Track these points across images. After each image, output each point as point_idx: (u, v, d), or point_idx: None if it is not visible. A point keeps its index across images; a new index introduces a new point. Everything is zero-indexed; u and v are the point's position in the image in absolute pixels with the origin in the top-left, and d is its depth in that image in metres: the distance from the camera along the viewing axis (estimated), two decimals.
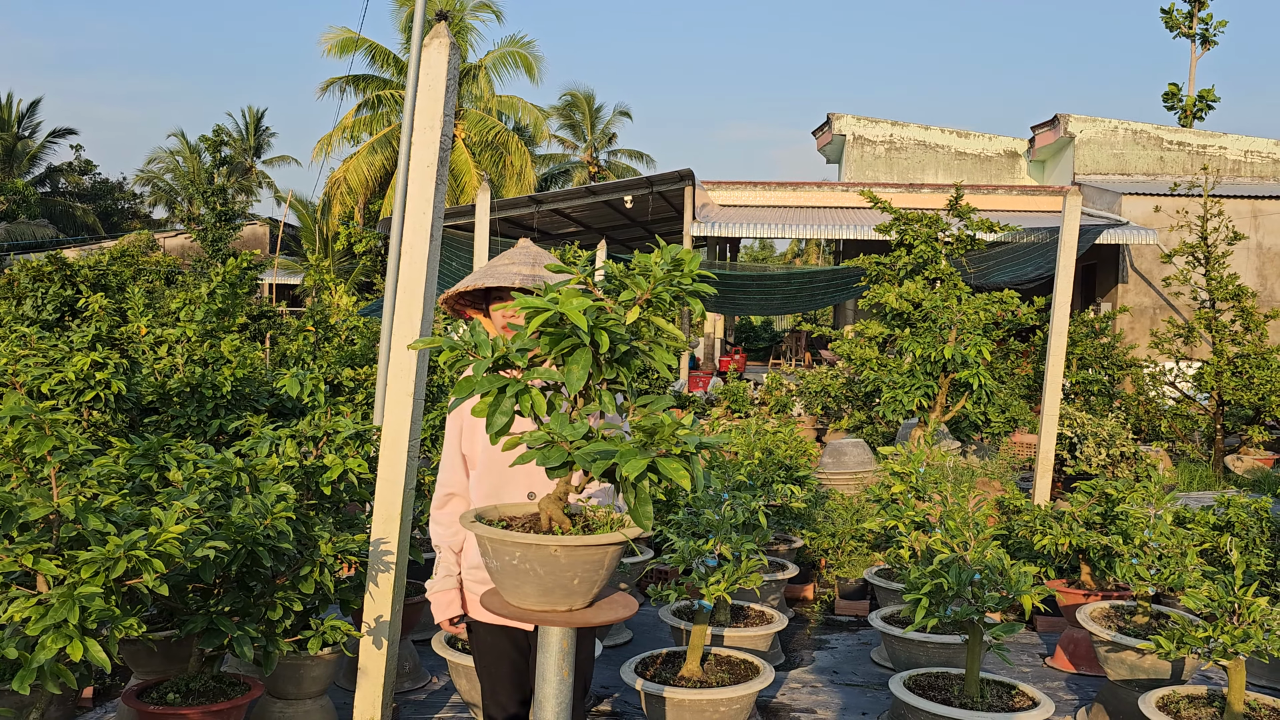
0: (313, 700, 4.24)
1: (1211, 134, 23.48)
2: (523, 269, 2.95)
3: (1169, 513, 5.05)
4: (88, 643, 2.84)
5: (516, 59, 30.38)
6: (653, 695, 4.17)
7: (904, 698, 4.10)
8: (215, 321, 6.80)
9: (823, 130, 26.99)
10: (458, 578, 3.08)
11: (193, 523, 3.29)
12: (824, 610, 6.77)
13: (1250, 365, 11.74)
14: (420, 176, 4.08)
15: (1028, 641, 6.12)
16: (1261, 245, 19.98)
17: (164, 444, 4.06)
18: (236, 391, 6.04)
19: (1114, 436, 8.93)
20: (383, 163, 28.00)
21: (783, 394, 14.36)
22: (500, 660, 3.04)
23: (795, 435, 7.44)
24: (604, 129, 42.16)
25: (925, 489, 5.41)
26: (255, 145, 46.00)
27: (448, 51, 4.08)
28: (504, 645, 3.04)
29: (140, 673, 4.07)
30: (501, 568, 2.24)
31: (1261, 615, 3.85)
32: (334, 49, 28.92)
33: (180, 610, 3.66)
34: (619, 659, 5.29)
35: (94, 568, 2.91)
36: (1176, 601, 6.18)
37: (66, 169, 44.18)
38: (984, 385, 8.04)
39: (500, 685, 3.06)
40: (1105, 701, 4.73)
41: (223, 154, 39.00)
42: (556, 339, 2.01)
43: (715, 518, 4.59)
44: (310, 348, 7.81)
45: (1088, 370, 12.70)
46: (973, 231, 11.04)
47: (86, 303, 6.73)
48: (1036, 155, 25.27)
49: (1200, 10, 29.19)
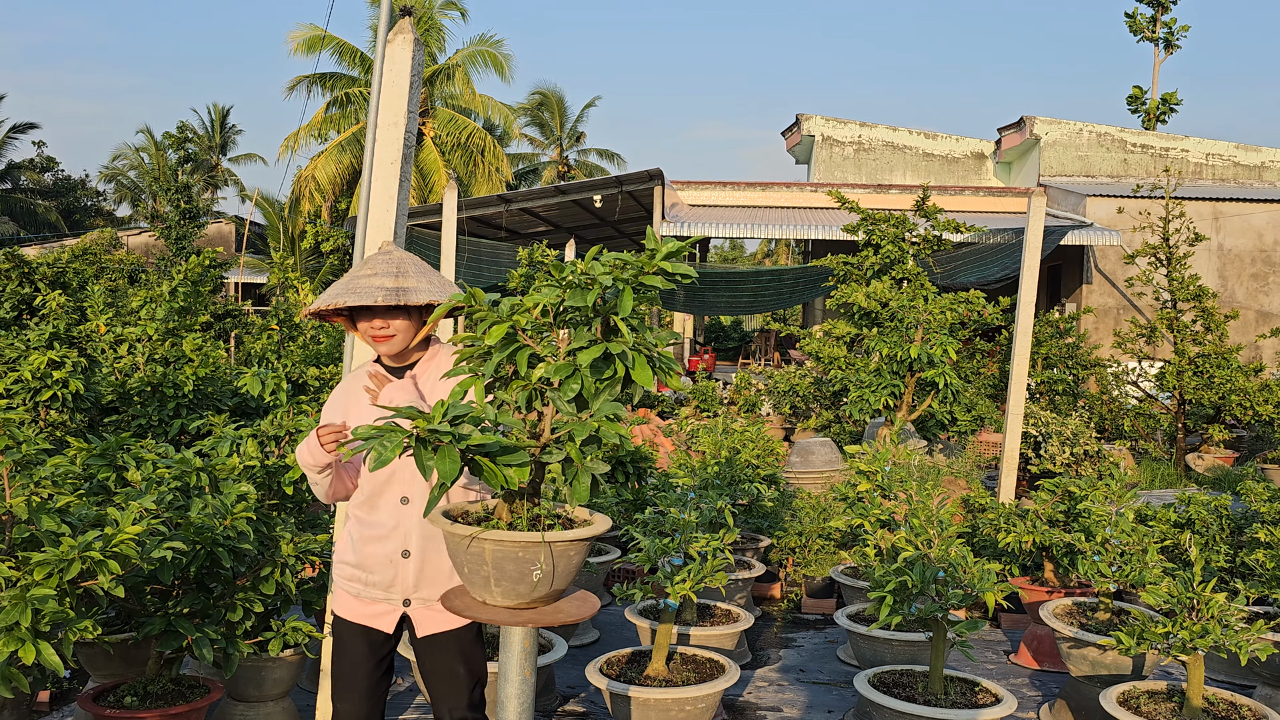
0: (275, 702, 4.19)
1: (1174, 137, 23.79)
2: (385, 281, 2.83)
3: (1131, 510, 5.10)
4: (40, 645, 2.79)
5: (486, 58, 30.27)
6: (618, 695, 4.16)
7: (869, 695, 4.12)
8: (177, 320, 6.72)
9: (792, 131, 27.09)
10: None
11: (150, 523, 3.25)
12: (791, 609, 6.78)
13: (1211, 365, 11.90)
14: (384, 174, 4.05)
15: (992, 639, 6.16)
16: (1223, 247, 20.26)
17: (123, 444, 4.00)
18: (199, 391, 5.97)
19: (1078, 435, 9.02)
20: (351, 161, 27.81)
21: (751, 393, 14.40)
22: (356, 666, 2.98)
23: (763, 435, 7.46)
24: (573, 128, 42.10)
25: (891, 487, 5.44)
26: (221, 142, 45.53)
27: (411, 47, 4.05)
28: (362, 649, 2.98)
29: (98, 676, 4.01)
30: (461, 562, 2.23)
31: (1220, 611, 3.89)
32: (301, 47, 28.68)
33: (138, 612, 3.61)
34: (585, 658, 5.27)
35: (47, 569, 2.87)
36: (1138, 598, 6.24)
37: (28, 165, 43.51)
38: (950, 384, 8.10)
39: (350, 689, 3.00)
40: (1068, 697, 4.77)
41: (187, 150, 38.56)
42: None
43: (681, 517, 4.58)
44: (275, 346, 7.73)
45: (1053, 370, 12.83)
46: (939, 232, 11.12)
47: (44, 300, 6.63)
48: (1003, 157, 25.49)
49: (1163, 15, 29.57)
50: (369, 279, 2.85)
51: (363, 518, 2.96)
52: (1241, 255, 20.35)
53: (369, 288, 2.81)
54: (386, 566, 2.92)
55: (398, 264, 2.91)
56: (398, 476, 2.90)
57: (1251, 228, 20.36)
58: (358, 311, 2.91)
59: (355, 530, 2.98)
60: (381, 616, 2.96)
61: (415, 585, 2.92)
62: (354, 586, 2.98)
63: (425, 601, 2.94)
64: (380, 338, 2.90)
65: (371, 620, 2.97)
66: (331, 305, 2.82)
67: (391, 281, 2.84)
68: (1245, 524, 6.07)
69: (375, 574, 2.93)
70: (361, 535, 2.95)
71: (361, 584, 2.96)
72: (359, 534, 2.96)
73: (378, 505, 2.93)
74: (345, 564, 3.00)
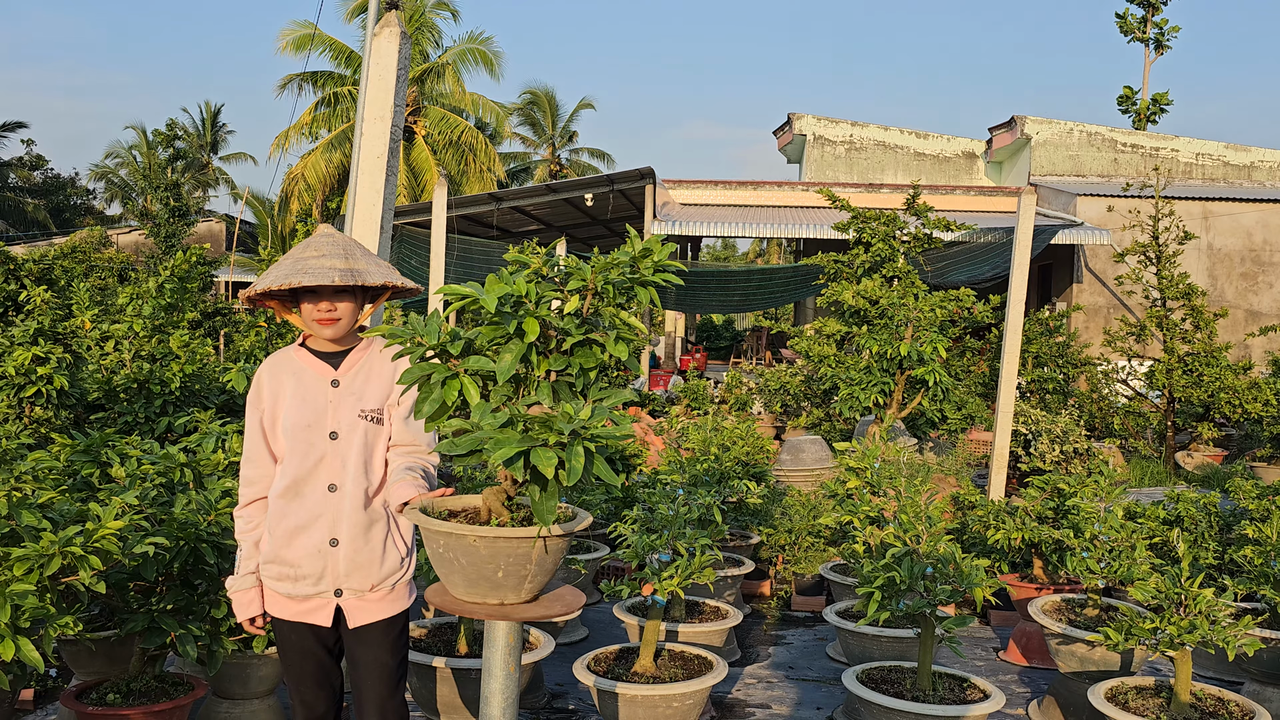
0: (260, 700, 4.17)
1: (1164, 136, 23.86)
2: (336, 263, 2.78)
3: (1120, 507, 5.10)
4: (20, 642, 2.77)
5: (476, 55, 30.24)
6: (605, 692, 4.14)
7: (857, 691, 4.11)
8: (164, 317, 6.68)
9: (784, 130, 27.10)
10: (256, 575, 2.93)
11: (133, 519, 3.23)
12: (780, 606, 6.77)
13: (1200, 363, 11.93)
14: (370, 168, 4.03)
15: (981, 635, 6.16)
16: (1212, 246, 20.32)
17: (107, 440, 3.98)
18: (186, 388, 5.94)
19: (1068, 433, 9.03)
20: (341, 160, 27.74)
21: (742, 392, 14.39)
22: (305, 658, 2.94)
23: (753, 432, 7.45)
24: (564, 127, 42.07)
25: (880, 484, 5.43)
26: (212, 141, 45.39)
27: (398, 41, 4.03)
28: (308, 643, 2.93)
29: (81, 673, 3.98)
30: (432, 556, 2.21)
31: (1207, 607, 3.89)
32: (291, 46, 28.63)
33: (121, 609, 3.58)
34: (573, 656, 5.25)
35: (27, 564, 2.84)
36: (1126, 595, 6.25)
37: (17, 163, 43.31)
38: (940, 382, 8.10)
39: (305, 683, 2.97)
40: (1057, 694, 4.77)
41: (177, 148, 38.47)
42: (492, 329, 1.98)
43: (669, 513, 4.57)
44: (263, 344, 7.70)
45: (1043, 368, 12.85)
46: (930, 230, 11.13)
47: (29, 296, 6.59)
48: (994, 156, 25.54)
49: (1154, 16, 29.66)
50: (318, 260, 2.78)
51: (284, 507, 2.85)
52: (1231, 255, 20.41)
53: (322, 268, 2.76)
54: (315, 558, 2.84)
55: (344, 246, 2.86)
56: (326, 463, 2.84)
57: (1241, 227, 20.42)
58: (301, 294, 2.83)
59: (276, 523, 2.86)
60: (316, 611, 2.89)
61: (346, 574, 2.85)
62: (284, 585, 2.88)
63: (357, 592, 2.87)
64: (326, 320, 2.85)
65: (307, 616, 2.90)
66: (285, 285, 2.72)
67: (342, 263, 2.79)
68: (1234, 521, 6.08)
69: (303, 566, 2.84)
70: (284, 527, 2.85)
71: (291, 580, 2.86)
72: (280, 526, 2.85)
73: (303, 493, 2.84)
74: (270, 563, 2.89)
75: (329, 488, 2.85)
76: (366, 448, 2.86)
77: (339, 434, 2.86)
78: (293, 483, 2.85)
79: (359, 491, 2.85)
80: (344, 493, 2.84)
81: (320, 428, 2.86)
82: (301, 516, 2.85)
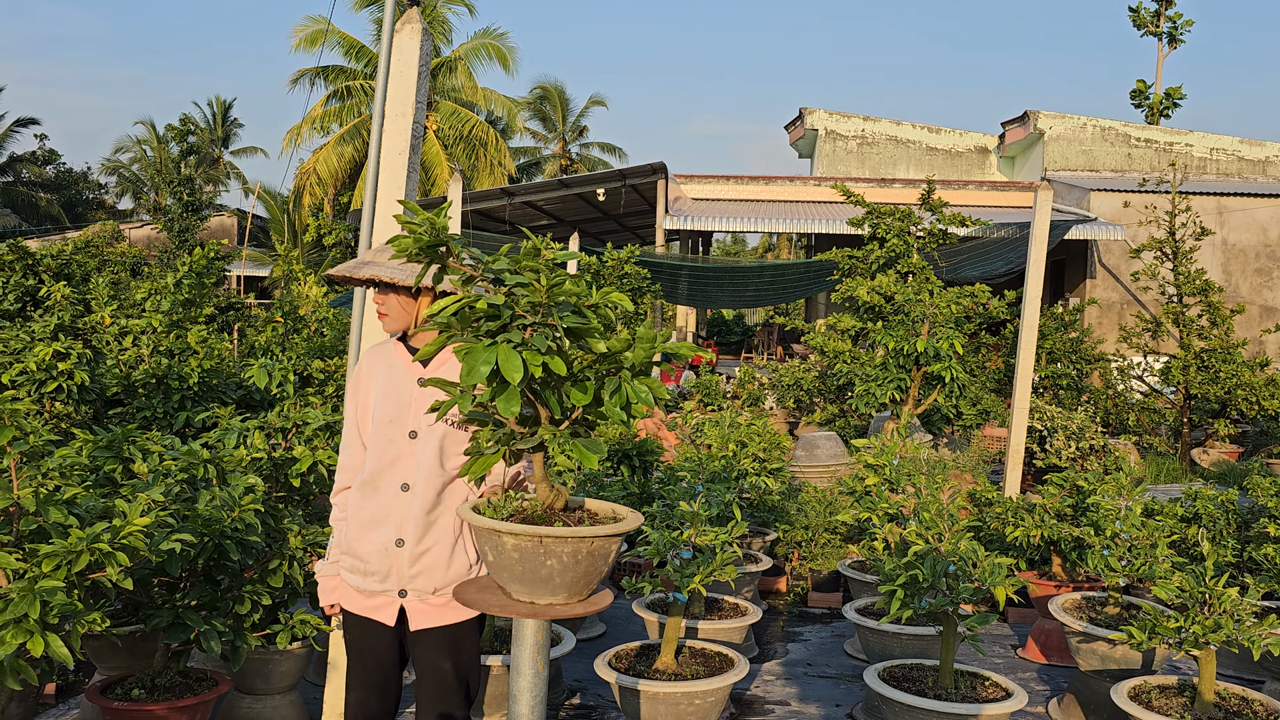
0: (282, 695, 4.18)
1: (1178, 131, 23.74)
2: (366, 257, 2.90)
3: (1139, 505, 5.07)
4: (49, 637, 2.78)
5: (490, 51, 30.21)
6: (627, 688, 4.14)
7: (879, 689, 4.10)
8: (182, 312, 6.70)
9: (795, 125, 27.04)
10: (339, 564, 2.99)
11: (158, 515, 3.23)
12: (797, 603, 6.77)
13: (1217, 360, 11.87)
14: (391, 164, 4.02)
15: (999, 633, 6.15)
16: (1227, 241, 20.22)
17: (128, 435, 3.99)
18: (204, 383, 5.95)
19: (1083, 430, 9.00)
20: (353, 154, 27.78)
21: (755, 387, 14.38)
22: (365, 655, 2.95)
23: (768, 428, 7.44)
24: (575, 121, 42.04)
25: (899, 481, 5.42)
26: (223, 135, 45.50)
27: (420, 36, 4.02)
28: (370, 640, 2.94)
29: (105, 668, 3.99)
30: (481, 554, 2.21)
31: (1232, 605, 3.87)
32: (304, 41, 28.64)
33: (145, 604, 3.59)
34: (593, 652, 5.25)
35: (55, 561, 2.85)
36: (1146, 592, 6.23)
37: (29, 158, 43.49)
38: (956, 378, 8.07)
39: (358, 681, 2.97)
40: (1077, 692, 4.75)
41: (189, 143, 38.55)
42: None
43: (690, 509, 4.56)
44: (279, 339, 7.72)
45: (1057, 364, 12.80)
46: (944, 226, 11.08)
47: (49, 292, 6.61)
48: (1006, 151, 25.44)
49: (1167, 9, 29.49)
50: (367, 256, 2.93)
51: (362, 500, 2.90)
52: (1246, 250, 20.31)
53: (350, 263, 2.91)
54: (382, 555, 2.86)
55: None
56: (402, 462, 2.86)
57: (1256, 222, 20.32)
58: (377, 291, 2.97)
59: (354, 514, 2.91)
60: (382, 609, 2.91)
61: (411, 576, 2.85)
62: (355, 579, 2.92)
63: (420, 594, 2.87)
64: (380, 315, 2.95)
65: (373, 613, 2.91)
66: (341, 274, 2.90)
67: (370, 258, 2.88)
68: (1252, 519, 6.05)
69: (372, 563, 2.87)
70: (360, 519, 2.89)
71: (361, 575, 2.90)
72: (357, 518, 2.90)
73: (379, 488, 2.87)
74: (346, 554, 2.94)
75: (402, 486, 2.86)
76: (442, 451, 2.85)
77: (418, 434, 2.86)
78: (371, 476, 2.88)
79: (430, 494, 2.84)
80: (415, 494, 2.84)
81: (401, 424, 2.87)
82: (375, 511, 2.87)
